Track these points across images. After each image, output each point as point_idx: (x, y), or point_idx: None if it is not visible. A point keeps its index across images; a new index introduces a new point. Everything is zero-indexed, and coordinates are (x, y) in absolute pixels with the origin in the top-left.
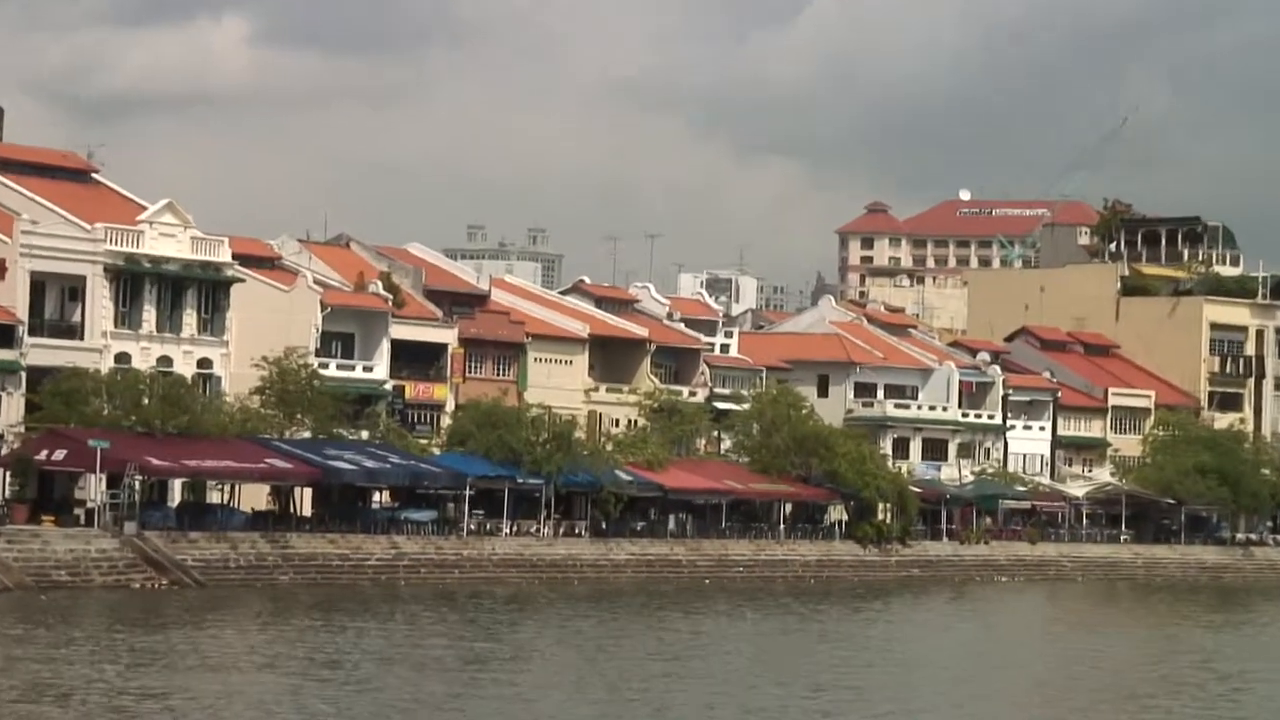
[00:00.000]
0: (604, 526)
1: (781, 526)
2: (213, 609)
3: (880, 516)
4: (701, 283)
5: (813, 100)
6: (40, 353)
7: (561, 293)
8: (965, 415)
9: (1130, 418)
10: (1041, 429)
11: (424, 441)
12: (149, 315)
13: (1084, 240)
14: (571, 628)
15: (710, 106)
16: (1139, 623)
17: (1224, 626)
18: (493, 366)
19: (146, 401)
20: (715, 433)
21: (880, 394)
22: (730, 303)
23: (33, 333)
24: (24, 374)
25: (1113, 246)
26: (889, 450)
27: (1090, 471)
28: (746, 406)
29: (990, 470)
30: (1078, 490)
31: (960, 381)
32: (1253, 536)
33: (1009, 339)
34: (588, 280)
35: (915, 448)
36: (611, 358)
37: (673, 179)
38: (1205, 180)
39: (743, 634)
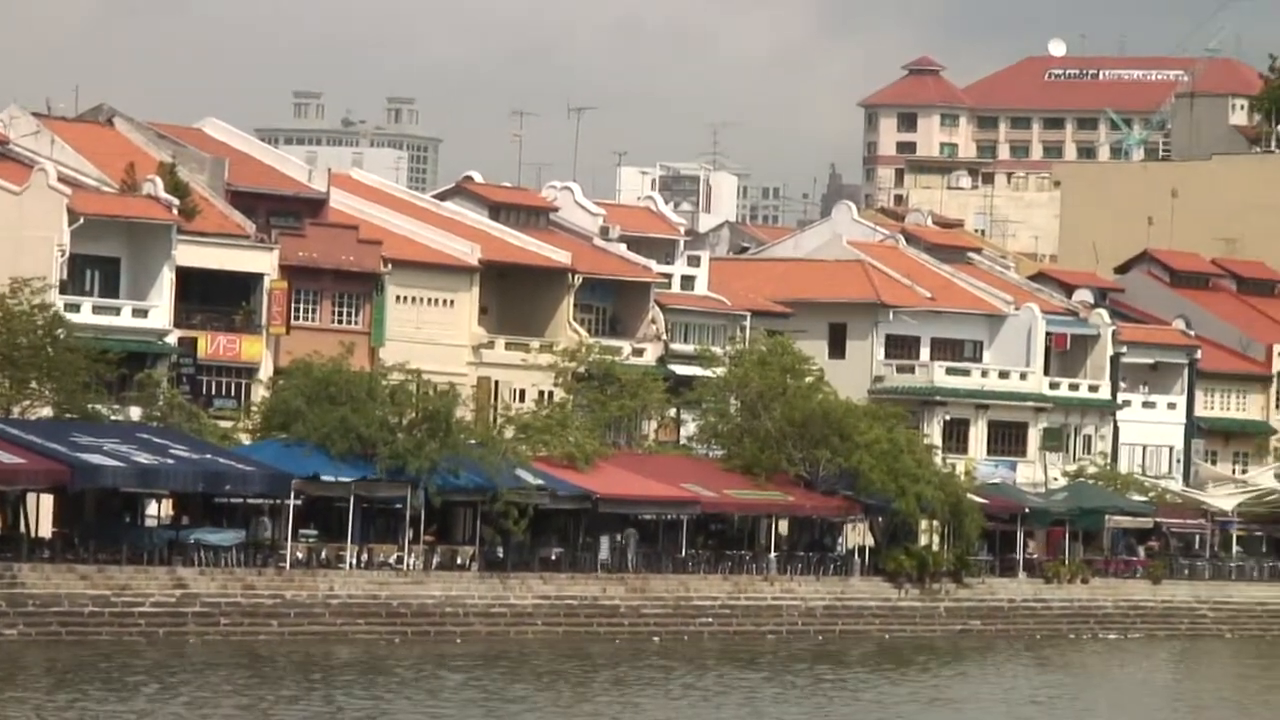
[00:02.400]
0: (501, 555)
1: (773, 555)
2: None
3: (924, 540)
4: (654, 182)
5: None
6: None
7: (438, 196)
8: (1055, 386)
9: None
10: (1171, 407)
11: (226, 424)
12: None
13: (1239, 118)
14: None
15: None
16: None
17: None
18: (332, 309)
19: None
20: (673, 411)
21: (925, 353)
22: (697, 213)
23: None
24: None
25: None
26: (938, 439)
27: (1245, 473)
28: (720, 372)
29: (1092, 471)
30: (1226, 502)
31: (1049, 334)
32: None
33: (1122, 269)
34: (478, 177)
35: (978, 435)
36: (514, 296)
37: (614, 22)
38: None
39: None
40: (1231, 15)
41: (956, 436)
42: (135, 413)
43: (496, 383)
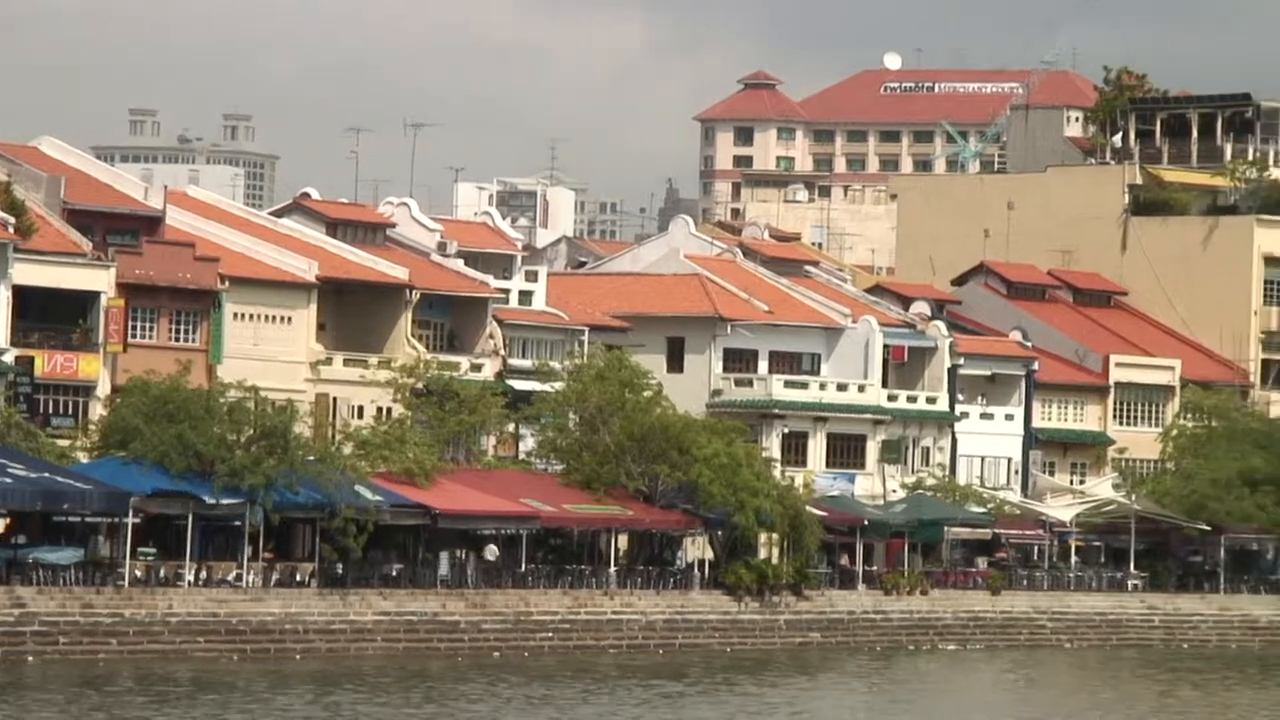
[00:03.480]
0: (340, 571)
1: (613, 570)
2: None
3: (763, 553)
4: (491, 198)
5: None
6: None
7: (275, 213)
8: (893, 398)
9: (1143, 401)
10: (1009, 419)
11: (64, 443)
12: None
13: (1074, 130)
14: None
15: None
16: None
17: None
18: (169, 327)
19: None
20: (511, 427)
21: (763, 366)
22: (535, 228)
23: None
24: None
25: (1118, 140)
26: (776, 452)
27: (1083, 483)
28: (559, 387)
29: (931, 482)
30: (1064, 512)
31: (886, 347)
32: None
33: (959, 282)
34: (315, 194)
35: (817, 448)
36: (352, 312)
37: (450, 38)
38: (1261, 41)
39: None
40: (1067, 28)
41: (795, 449)
42: None
43: (335, 399)
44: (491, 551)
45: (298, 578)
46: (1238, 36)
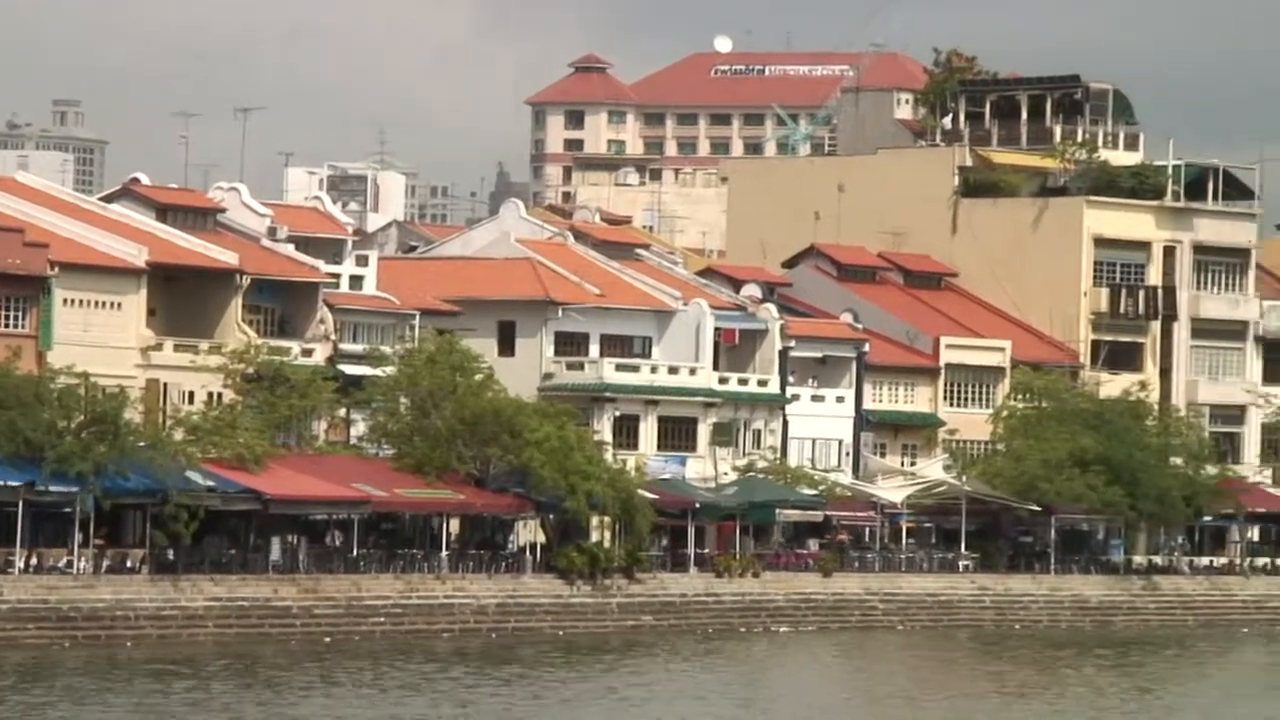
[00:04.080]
0: (171, 557)
1: (445, 554)
2: None
3: (595, 537)
4: (322, 182)
5: None
6: None
7: (104, 198)
8: (724, 381)
9: (974, 382)
10: (840, 401)
11: None
12: None
13: (904, 113)
14: None
15: None
16: (990, 706)
17: (1124, 708)
18: None
19: None
20: (343, 411)
21: (595, 350)
22: (365, 213)
23: None
24: None
25: (948, 122)
26: (608, 435)
27: (914, 465)
28: (390, 371)
29: (762, 465)
30: (895, 494)
31: (717, 329)
32: (1157, 560)
33: (790, 264)
34: (145, 179)
35: (649, 431)
36: (182, 298)
37: (279, 22)
38: (1089, 23)
39: None
40: (896, 10)
41: (627, 432)
42: None
43: (165, 385)
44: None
45: (129, 564)
46: (1068, 19)
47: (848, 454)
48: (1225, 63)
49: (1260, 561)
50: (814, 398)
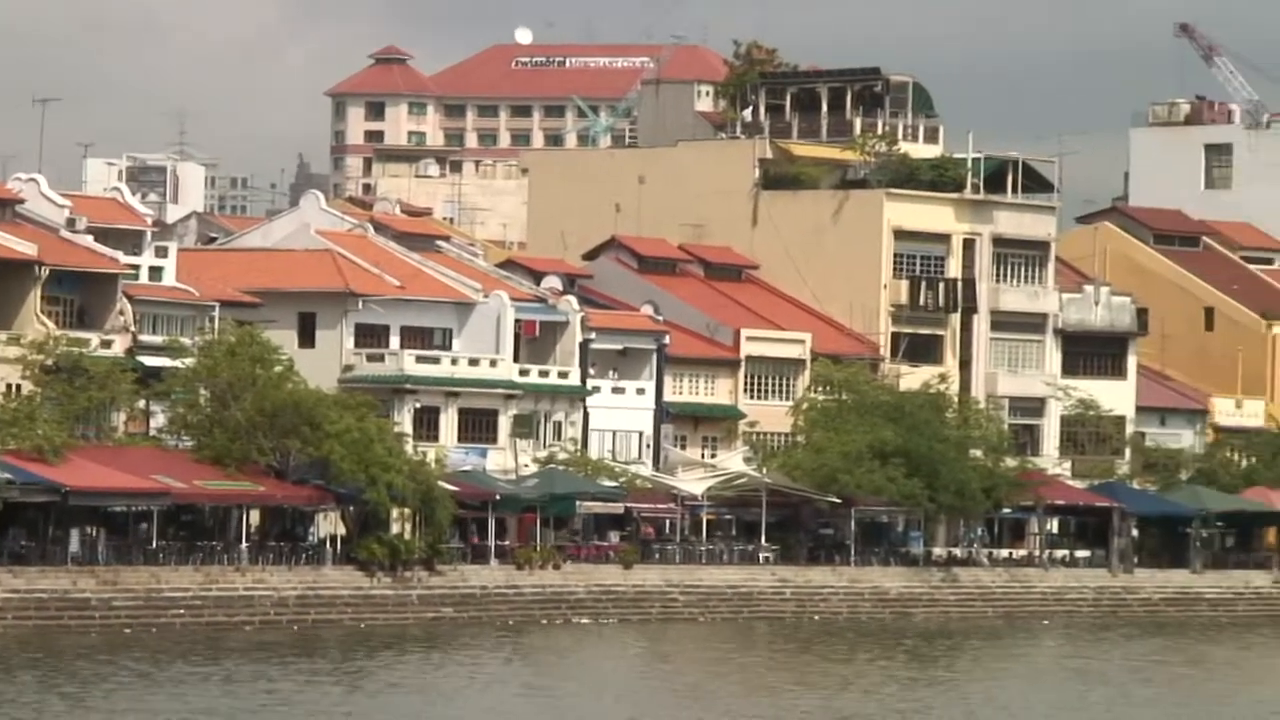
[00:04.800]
0: None
1: (245, 546)
2: None
3: (396, 529)
4: (121, 173)
5: None
6: None
7: None
8: (525, 373)
9: (774, 375)
10: (641, 393)
11: None
12: None
13: (704, 105)
14: None
15: None
16: (783, 698)
17: (920, 700)
18: None
19: None
20: (142, 403)
21: (395, 341)
22: (165, 204)
23: None
24: None
25: (748, 114)
26: (409, 427)
27: (715, 457)
28: (190, 363)
29: (563, 457)
30: (695, 486)
31: (518, 321)
32: (956, 552)
33: (590, 256)
34: None
35: (449, 423)
36: None
37: (79, 11)
38: (889, 16)
39: None
40: (697, 2)
41: (427, 424)
42: None
43: None
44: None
45: None
46: (868, 11)
47: (648, 446)
48: (1024, 56)
49: (1059, 554)
50: (614, 390)
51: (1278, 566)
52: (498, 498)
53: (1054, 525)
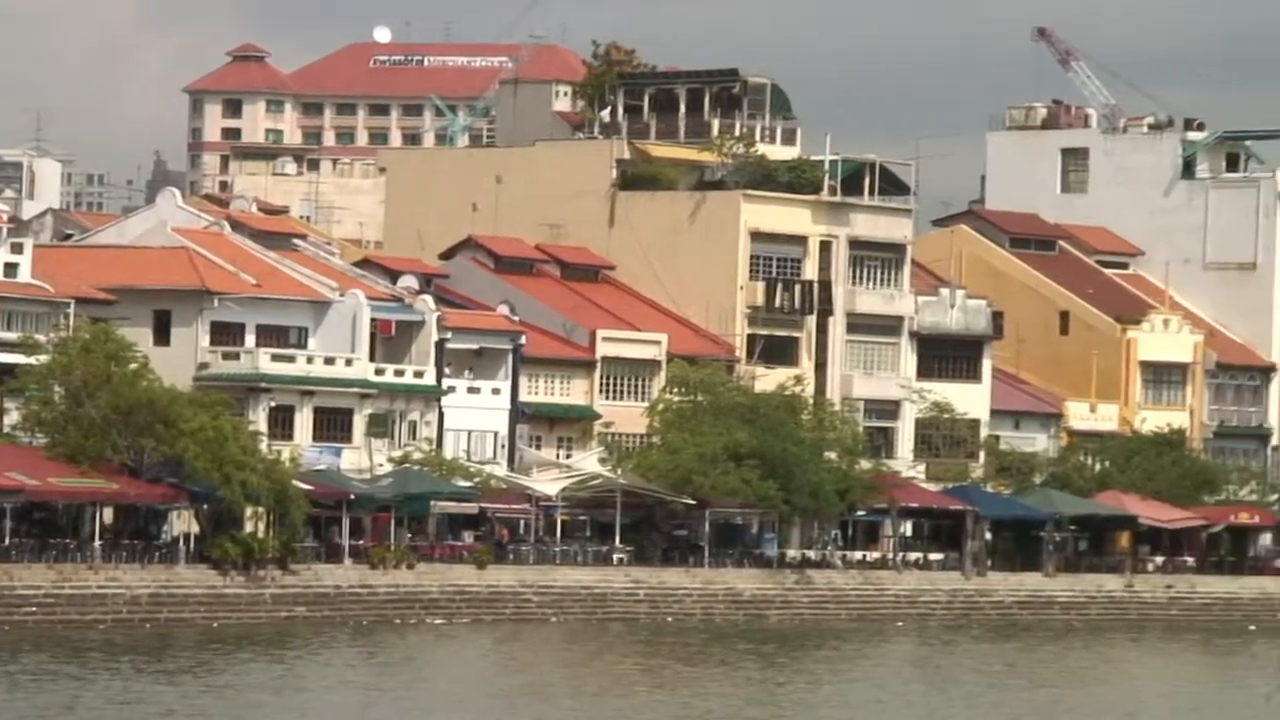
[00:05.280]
0: None
1: (98, 544)
2: None
3: (250, 527)
4: None
5: None
6: None
7: None
8: (380, 372)
9: (630, 375)
10: (496, 393)
11: None
12: None
13: (562, 105)
14: None
15: None
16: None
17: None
18: None
19: None
20: None
21: (251, 340)
22: (20, 200)
23: None
24: None
25: (606, 114)
26: (264, 426)
27: (570, 457)
28: (44, 360)
29: (418, 456)
30: (550, 486)
31: (374, 320)
32: (810, 554)
33: (447, 255)
34: None
35: (304, 422)
36: None
37: None
38: (747, 17)
39: None
40: (556, 3)
41: (282, 423)
42: None
43: None
44: None
45: None
46: (727, 12)
47: (503, 446)
48: (883, 59)
49: (913, 556)
50: (470, 389)
51: (1130, 570)
52: (352, 497)
53: (908, 528)
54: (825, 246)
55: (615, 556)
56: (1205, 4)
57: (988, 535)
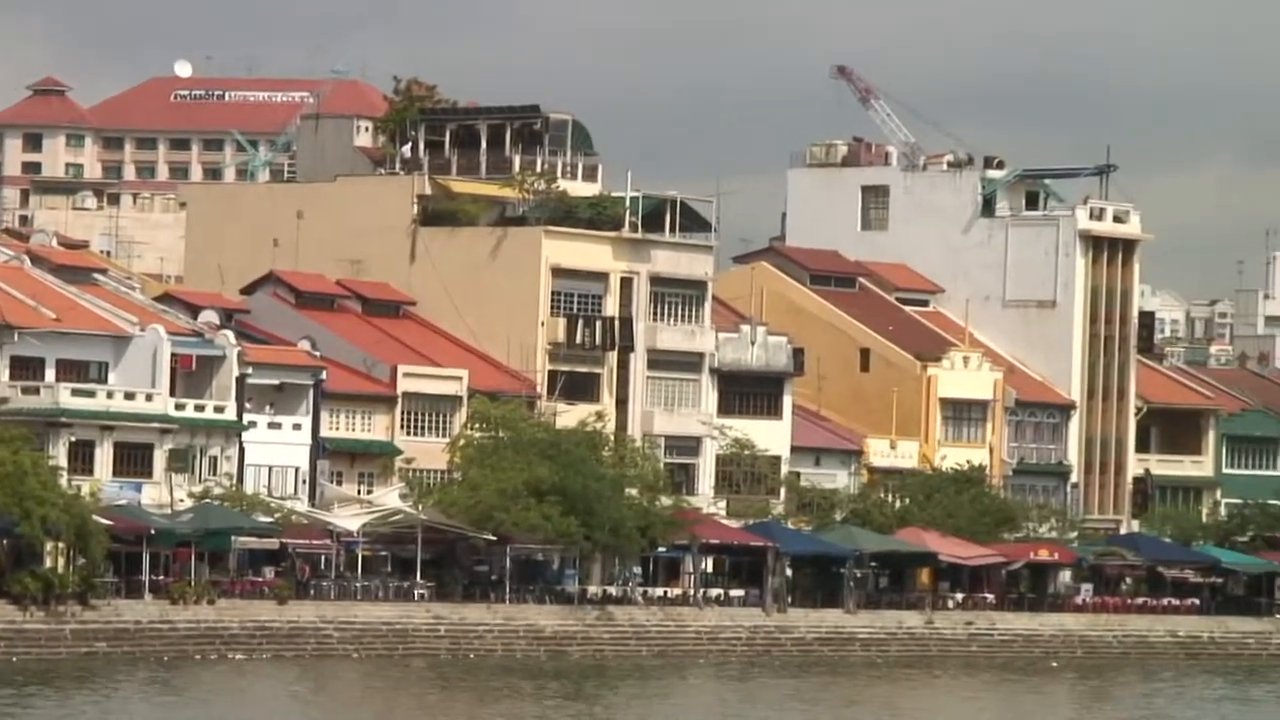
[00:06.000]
0: None
1: None
2: None
3: (49, 563)
4: None
5: None
6: None
7: None
8: (181, 407)
9: (431, 411)
10: (297, 428)
11: None
12: None
13: (364, 140)
14: None
15: None
16: None
17: None
18: None
19: None
20: None
21: (50, 374)
22: None
23: None
24: None
25: (407, 150)
26: (64, 461)
27: (371, 493)
28: None
29: (219, 491)
30: (351, 522)
31: (174, 355)
32: (612, 590)
33: (248, 290)
34: None
35: (104, 457)
36: None
37: None
38: (549, 51)
39: None
40: (357, 38)
41: (82, 458)
42: None
43: None
44: None
45: None
46: (528, 49)
47: (304, 482)
48: (685, 96)
49: (714, 593)
50: (271, 425)
51: (930, 607)
52: (152, 532)
53: (709, 564)
54: (626, 283)
55: (416, 592)
56: (1006, 43)
57: (788, 572)
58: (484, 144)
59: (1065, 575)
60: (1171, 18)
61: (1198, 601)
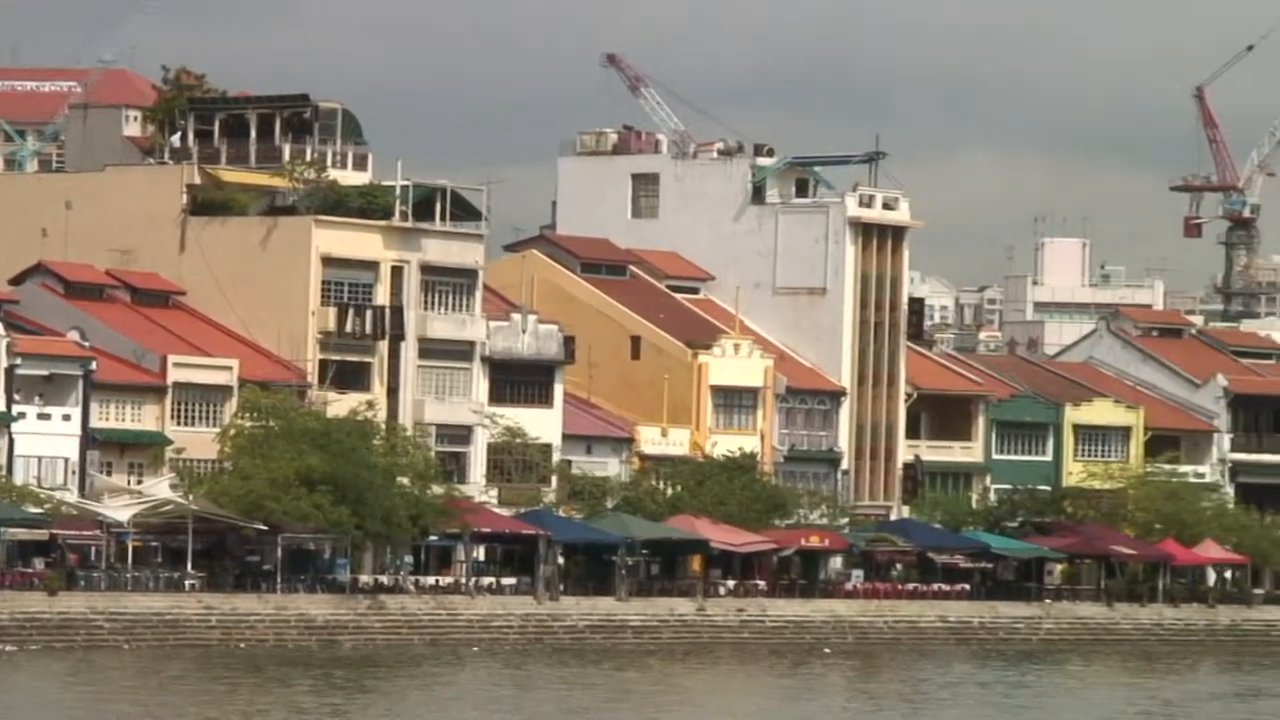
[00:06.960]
0: None
1: None
2: None
3: None
4: None
5: None
6: None
7: None
8: None
9: (202, 401)
10: (67, 419)
11: None
12: None
13: (133, 130)
14: None
15: None
16: None
17: None
18: None
19: None
20: None
21: None
22: None
23: None
24: None
25: (176, 140)
26: None
27: (141, 484)
28: None
29: None
30: (122, 513)
31: None
32: (384, 579)
33: (17, 281)
34: None
35: None
36: None
37: None
38: (315, 41)
39: None
40: (127, 26)
41: None
42: None
43: None
44: None
45: None
46: (297, 39)
47: (74, 472)
48: (454, 85)
49: (486, 581)
50: (40, 415)
51: (701, 594)
52: None
53: (481, 553)
54: (397, 272)
55: (187, 583)
56: (776, 33)
57: (560, 560)
58: (253, 133)
59: (836, 561)
60: (939, 8)
61: (968, 587)
